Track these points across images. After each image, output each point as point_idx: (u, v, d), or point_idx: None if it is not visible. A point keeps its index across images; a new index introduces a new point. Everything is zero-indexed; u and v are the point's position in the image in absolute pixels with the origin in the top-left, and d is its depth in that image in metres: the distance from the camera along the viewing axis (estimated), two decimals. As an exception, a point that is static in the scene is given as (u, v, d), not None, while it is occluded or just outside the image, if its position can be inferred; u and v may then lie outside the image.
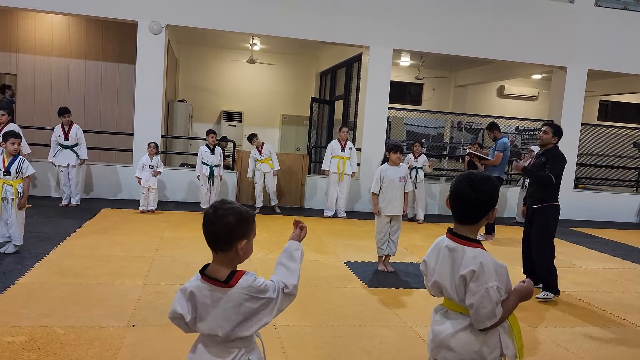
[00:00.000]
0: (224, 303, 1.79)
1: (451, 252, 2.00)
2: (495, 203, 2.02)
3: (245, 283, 1.79)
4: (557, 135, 5.18)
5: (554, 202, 5.08)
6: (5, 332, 3.44)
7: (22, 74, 11.11)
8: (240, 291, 1.78)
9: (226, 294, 1.79)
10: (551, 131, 5.16)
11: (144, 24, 8.94)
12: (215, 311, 1.79)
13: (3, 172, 5.19)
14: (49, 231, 6.38)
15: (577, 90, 10.53)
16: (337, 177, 8.88)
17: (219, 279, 1.80)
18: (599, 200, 10.90)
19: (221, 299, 1.79)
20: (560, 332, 4.22)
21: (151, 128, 9.05)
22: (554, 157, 5.08)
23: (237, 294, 1.78)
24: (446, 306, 2.07)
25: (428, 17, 9.82)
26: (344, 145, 8.93)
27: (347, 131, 9.06)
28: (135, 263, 5.27)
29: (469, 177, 1.99)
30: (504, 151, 7.67)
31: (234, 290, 1.78)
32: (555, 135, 5.17)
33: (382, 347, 3.66)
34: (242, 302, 1.78)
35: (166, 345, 3.42)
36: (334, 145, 8.99)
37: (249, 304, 1.79)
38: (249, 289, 1.78)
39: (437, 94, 15.05)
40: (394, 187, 5.46)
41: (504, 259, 2.06)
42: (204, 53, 13.68)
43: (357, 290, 4.95)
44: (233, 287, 1.78)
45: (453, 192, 2.02)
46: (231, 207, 1.81)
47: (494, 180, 2.06)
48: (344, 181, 8.92)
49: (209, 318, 1.81)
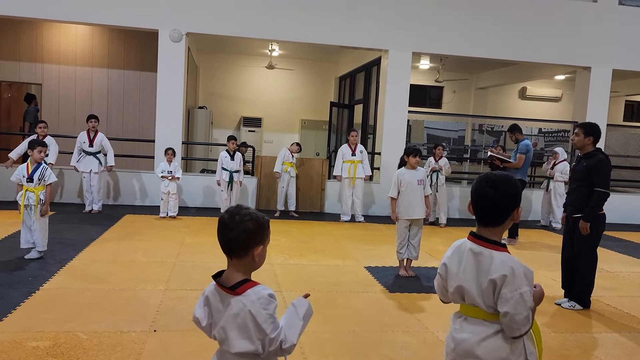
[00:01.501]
0: (228, 309, 1.77)
1: (476, 256, 1.95)
2: (519, 202, 1.97)
3: (251, 297, 1.74)
4: (590, 134, 4.66)
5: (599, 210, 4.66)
6: (30, 337, 3.49)
7: (47, 84, 11.35)
8: (243, 301, 1.74)
9: (230, 300, 1.76)
10: (582, 132, 4.67)
11: (165, 33, 9.06)
12: (222, 317, 1.79)
13: (27, 179, 5.29)
14: (72, 237, 6.48)
15: (602, 90, 10.32)
16: (349, 181, 8.85)
17: (226, 285, 1.78)
18: (626, 203, 10.64)
19: (225, 305, 1.78)
20: (587, 338, 4.10)
21: (172, 134, 9.15)
22: (599, 164, 4.58)
23: (238, 303, 1.74)
24: (465, 313, 2.01)
25: (447, 20, 9.74)
26: (354, 149, 8.90)
27: (356, 135, 9.01)
28: (156, 268, 5.32)
29: (488, 177, 1.95)
30: (526, 153, 7.51)
31: (236, 299, 1.75)
32: (588, 135, 4.66)
33: (403, 353, 3.61)
34: (239, 313, 1.73)
35: (187, 351, 3.43)
36: (344, 149, 8.96)
37: (243, 320, 1.72)
38: (252, 304, 1.72)
39: (457, 97, 14.91)
40: (413, 191, 5.40)
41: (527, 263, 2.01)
42: (224, 60, 13.80)
43: (378, 295, 4.90)
44: (237, 295, 1.75)
45: (474, 193, 1.98)
46: (248, 213, 1.79)
47: (515, 179, 2.01)
48: (359, 185, 8.88)
49: (218, 324, 1.80)
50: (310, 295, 1.95)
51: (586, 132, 4.69)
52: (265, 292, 1.75)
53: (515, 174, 7.51)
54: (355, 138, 8.96)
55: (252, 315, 1.71)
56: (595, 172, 4.59)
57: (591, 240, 4.71)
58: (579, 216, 4.68)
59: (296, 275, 5.39)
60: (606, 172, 4.64)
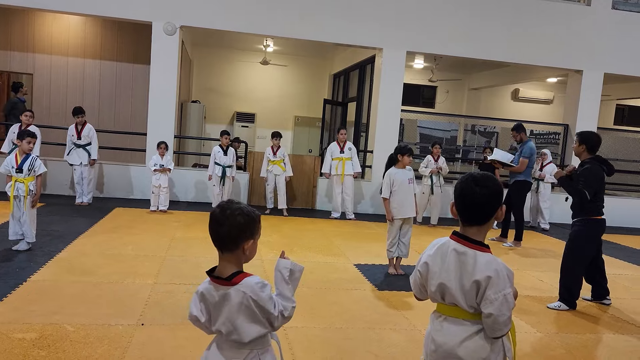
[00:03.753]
0: (227, 301, 1.81)
1: (460, 256, 1.96)
2: (502, 200, 2.00)
3: (248, 284, 1.80)
4: (583, 142, 4.80)
5: (592, 215, 4.77)
6: (17, 328, 3.47)
7: (39, 74, 11.25)
8: (242, 290, 1.79)
9: (228, 292, 1.81)
10: (578, 139, 4.83)
11: (159, 25, 9.00)
12: (223, 310, 1.82)
13: (16, 169, 5.25)
14: (61, 229, 6.44)
15: (593, 94, 10.40)
16: (338, 178, 8.86)
17: (222, 277, 1.83)
18: (615, 206, 10.68)
19: (225, 297, 1.82)
20: (572, 339, 4.15)
21: (164, 128, 9.11)
22: (586, 171, 4.71)
23: (238, 293, 1.80)
24: (443, 312, 2.03)
25: (442, 20, 9.77)
26: (342, 146, 8.91)
27: (345, 133, 9.03)
28: (146, 262, 5.30)
29: (472, 176, 1.99)
30: (530, 157, 7.48)
31: (235, 288, 1.80)
32: (581, 143, 4.80)
33: (390, 350, 3.63)
34: (242, 301, 1.79)
35: (175, 345, 3.42)
36: (333, 147, 8.97)
37: (248, 307, 1.79)
38: (252, 290, 1.79)
39: (450, 97, 14.97)
40: (405, 190, 5.43)
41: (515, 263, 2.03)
42: (218, 54, 13.75)
43: (367, 292, 4.92)
44: (235, 285, 1.80)
45: (459, 192, 2.00)
46: (239, 208, 1.83)
47: (496, 178, 2.04)
48: (348, 182, 8.88)
49: (219, 318, 1.84)
50: (285, 252, 2.00)
51: (580, 140, 4.84)
52: (258, 278, 1.83)
53: (519, 176, 7.53)
54: (344, 136, 8.98)
55: (254, 300, 1.78)
56: (582, 175, 4.75)
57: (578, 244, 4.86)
58: (574, 220, 4.90)
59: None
60: (590, 179, 4.71)
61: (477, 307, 1.92)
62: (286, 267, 1.90)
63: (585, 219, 4.81)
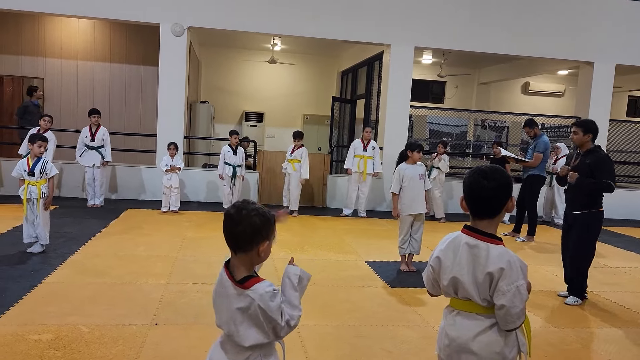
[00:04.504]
0: (234, 302, 1.79)
1: (472, 249, 1.95)
2: (511, 192, 1.99)
3: (258, 291, 1.76)
4: (589, 132, 4.72)
5: (598, 207, 4.69)
6: (32, 330, 3.51)
7: (49, 78, 11.36)
8: (252, 296, 1.76)
9: (238, 294, 1.78)
10: (581, 130, 4.73)
11: (167, 27, 9.04)
12: (226, 306, 1.80)
13: (28, 172, 5.31)
14: (74, 231, 6.50)
15: (605, 85, 10.28)
16: (358, 176, 8.84)
17: (235, 279, 1.81)
18: (628, 198, 10.61)
19: (233, 297, 1.79)
20: (586, 333, 4.11)
21: (174, 129, 9.15)
22: (602, 162, 4.62)
23: (247, 298, 1.76)
24: (457, 307, 2.02)
25: (450, 14, 9.70)
26: (366, 144, 8.89)
27: (370, 131, 9.01)
28: (158, 263, 5.33)
29: (480, 169, 1.98)
30: (544, 152, 7.41)
31: (246, 292, 1.77)
32: (587, 132, 4.72)
33: (403, 347, 3.62)
34: (249, 307, 1.76)
35: (188, 344, 3.44)
36: (356, 144, 8.97)
37: (253, 314, 1.76)
38: (261, 299, 1.75)
39: (460, 92, 14.87)
40: (415, 186, 5.41)
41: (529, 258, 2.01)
42: (226, 54, 13.78)
43: (379, 290, 4.91)
44: (246, 290, 1.77)
45: (467, 186, 1.99)
46: (255, 208, 1.80)
47: (504, 170, 2.02)
48: (365, 181, 8.87)
49: (223, 313, 1.82)
50: (294, 259, 1.98)
51: (585, 130, 4.74)
52: (271, 287, 1.79)
53: (533, 170, 7.45)
54: (369, 134, 8.96)
55: (262, 309, 1.74)
56: (599, 170, 4.61)
57: (590, 235, 4.74)
58: (580, 213, 4.69)
59: (297, 270, 5.38)
60: (610, 168, 4.65)
61: (491, 300, 1.91)
62: (295, 273, 1.87)
63: (595, 210, 4.70)
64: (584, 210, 4.69)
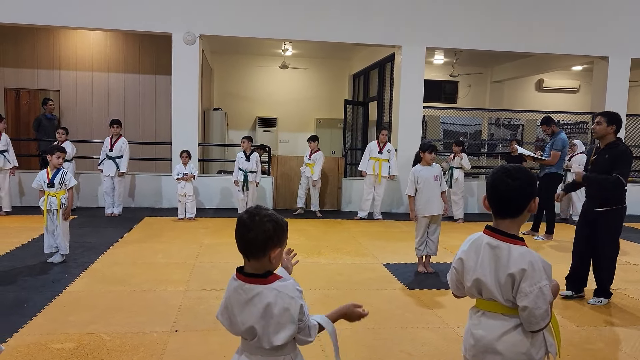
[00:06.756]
0: (256, 302, 1.76)
1: (493, 250, 1.93)
2: (535, 191, 1.95)
3: (283, 284, 1.78)
4: (613, 123, 4.55)
5: (622, 204, 4.56)
6: (55, 339, 3.56)
7: (65, 90, 11.53)
8: (276, 288, 1.76)
9: (260, 290, 1.76)
10: (605, 120, 4.55)
11: (179, 36, 9.13)
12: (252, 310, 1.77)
13: (47, 184, 5.39)
14: (93, 240, 6.58)
15: (621, 80, 10.14)
16: (372, 178, 8.83)
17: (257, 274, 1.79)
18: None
19: (256, 295, 1.77)
20: (610, 332, 4.04)
21: (188, 137, 9.23)
22: (620, 156, 4.50)
23: (272, 291, 1.76)
24: (482, 307, 2.00)
25: (461, 13, 9.65)
26: (382, 147, 8.87)
27: (386, 134, 8.98)
28: (176, 270, 5.37)
29: (504, 168, 1.95)
30: (562, 149, 7.34)
31: (269, 287, 1.76)
32: (611, 123, 4.55)
33: (423, 349, 3.60)
34: (276, 301, 1.75)
35: (207, 350, 3.46)
36: (372, 146, 8.96)
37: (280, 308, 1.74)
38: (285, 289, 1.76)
39: (473, 91, 14.77)
40: (430, 187, 5.38)
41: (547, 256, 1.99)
42: (237, 61, 13.86)
43: (397, 292, 4.89)
44: (270, 284, 1.76)
45: (491, 185, 1.97)
46: (267, 214, 1.79)
47: (528, 170, 2.00)
48: (381, 183, 8.86)
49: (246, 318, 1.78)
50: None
51: (609, 121, 4.57)
52: (291, 280, 1.82)
53: (550, 168, 7.38)
54: (385, 137, 8.95)
55: (286, 303, 1.75)
56: (618, 161, 4.50)
57: (616, 233, 4.65)
58: (603, 210, 4.58)
59: (314, 274, 5.39)
60: (628, 163, 4.57)
61: (514, 301, 1.89)
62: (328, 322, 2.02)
63: (618, 207, 4.59)
64: (608, 208, 4.57)
